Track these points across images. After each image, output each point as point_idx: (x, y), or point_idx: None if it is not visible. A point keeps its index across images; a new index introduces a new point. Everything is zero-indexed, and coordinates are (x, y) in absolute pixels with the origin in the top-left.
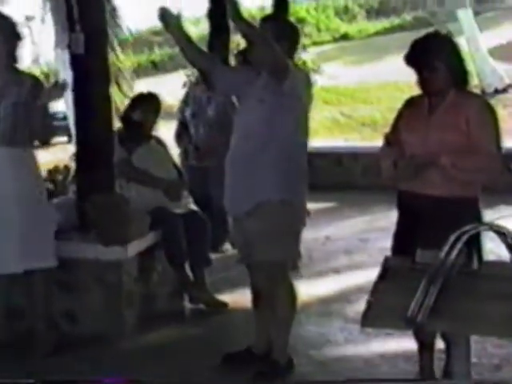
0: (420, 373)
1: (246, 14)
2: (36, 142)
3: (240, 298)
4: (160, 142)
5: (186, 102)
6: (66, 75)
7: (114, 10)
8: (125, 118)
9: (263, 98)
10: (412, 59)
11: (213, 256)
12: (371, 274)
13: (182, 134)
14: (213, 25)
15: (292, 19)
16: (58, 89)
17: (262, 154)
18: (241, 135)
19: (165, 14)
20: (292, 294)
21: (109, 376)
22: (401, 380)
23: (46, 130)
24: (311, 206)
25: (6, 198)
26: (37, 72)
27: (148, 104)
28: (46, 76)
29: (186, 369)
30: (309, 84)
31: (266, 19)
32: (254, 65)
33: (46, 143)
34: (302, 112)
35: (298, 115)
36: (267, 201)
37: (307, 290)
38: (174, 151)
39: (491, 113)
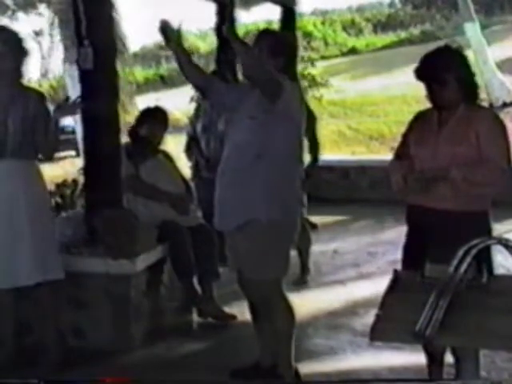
0: None
1: (252, 28)
2: (40, 156)
3: (248, 311)
4: (167, 156)
5: (197, 115)
6: (75, 89)
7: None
8: (132, 132)
9: (254, 115)
10: (422, 73)
11: (221, 269)
12: (379, 288)
13: (191, 148)
14: (220, 39)
15: (299, 33)
16: (74, 106)
17: (252, 172)
18: (231, 151)
19: (165, 28)
20: (288, 307)
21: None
22: (404, 380)
23: (52, 145)
24: (319, 219)
25: (17, 210)
26: (45, 86)
27: (155, 118)
28: (55, 90)
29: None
30: (301, 97)
31: (263, 33)
32: (249, 81)
33: (50, 158)
34: (295, 131)
35: (290, 134)
36: (256, 219)
37: (315, 303)
38: (182, 165)
39: (501, 126)
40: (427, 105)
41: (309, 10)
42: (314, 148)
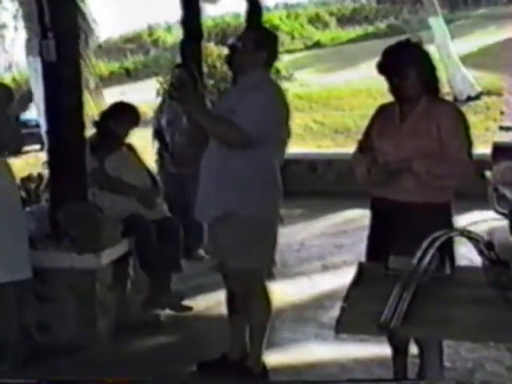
0: (394, 378)
1: (219, 21)
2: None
3: (214, 304)
4: (131, 149)
5: (161, 109)
6: (38, 83)
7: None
8: (100, 125)
9: (235, 109)
10: (383, 67)
11: (187, 263)
12: (345, 280)
13: (156, 142)
14: (186, 31)
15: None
16: (23, 100)
17: (233, 167)
18: (214, 144)
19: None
20: (267, 301)
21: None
22: (400, 379)
23: (17, 141)
24: (285, 212)
25: None
26: (8, 80)
27: (125, 114)
28: (18, 84)
29: (161, 377)
30: (285, 102)
31: (248, 27)
32: (232, 73)
33: (17, 153)
34: (277, 127)
35: (271, 129)
36: (236, 213)
37: (281, 296)
38: (148, 158)
39: (462, 119)
40: (392, 98)
41: (272, 3)
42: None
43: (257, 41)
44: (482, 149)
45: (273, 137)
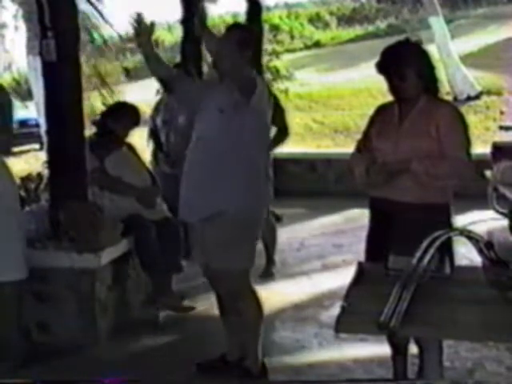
0: (394, 377)
1: (219, 21)
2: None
3: (214, 304)
4: (131, 148)
5: (157, 109)
6: (38, 82)
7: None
8: (100, 125)
9: (223, 109)
10: (382, 66)
11: (187, 263)
12: (345, 280)
13: (151, 142)
14: (186, 31)
15: (265, 26)
16: None
17: (219, 165)
18: (199, 143)
19: (139, 21)
20: (256, 299)
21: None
22: (400, 379)
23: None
24: (285, 211)
25: None
26: (8, 79)
27: (124, 114)
28: (18, 83)
29: (160, 377)
30: (268, 90)
31: (230, 28)
32: (219, 74)
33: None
34: (264, 126)
35: (258, 129)
36: (223, 211)
37: (281, 295)
38: (148, 158)
39: (461, 119)
40: (392, 98)
41: (272, 2)
42: (282, 137)
43: (240, 40)
44: (482, 148)
45: (262, 136)
